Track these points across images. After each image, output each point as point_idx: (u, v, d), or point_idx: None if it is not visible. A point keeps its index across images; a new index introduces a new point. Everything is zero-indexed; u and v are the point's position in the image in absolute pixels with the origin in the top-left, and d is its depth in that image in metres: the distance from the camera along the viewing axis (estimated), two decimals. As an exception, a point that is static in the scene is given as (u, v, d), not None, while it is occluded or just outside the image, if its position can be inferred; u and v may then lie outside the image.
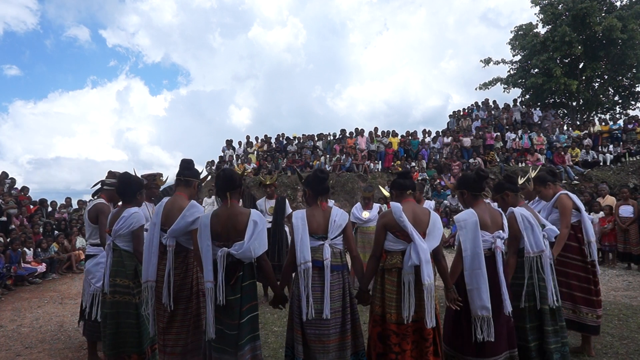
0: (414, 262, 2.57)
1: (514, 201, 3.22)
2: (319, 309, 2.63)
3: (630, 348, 3.80)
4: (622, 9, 17.43)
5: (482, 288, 2.68)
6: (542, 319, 3.01)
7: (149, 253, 2.90)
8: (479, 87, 20.60)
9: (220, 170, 2.94)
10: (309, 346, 2.69)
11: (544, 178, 3.78)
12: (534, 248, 2.99)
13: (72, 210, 11.98)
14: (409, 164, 15.01)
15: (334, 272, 2.72)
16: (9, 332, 4.82)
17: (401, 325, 2.59)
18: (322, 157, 15.73)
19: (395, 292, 2.64)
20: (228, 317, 2.56)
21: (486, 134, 15.39)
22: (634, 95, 19.32)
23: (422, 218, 2.73)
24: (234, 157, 16.85)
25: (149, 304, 2.91)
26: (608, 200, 9.12)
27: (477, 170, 3.00)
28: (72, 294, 6.95)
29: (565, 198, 3.63)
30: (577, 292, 3.59)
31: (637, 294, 5.91)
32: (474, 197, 2.95)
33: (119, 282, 3.11)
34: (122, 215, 3.15)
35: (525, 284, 3.01)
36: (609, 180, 12.60)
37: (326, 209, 2.83)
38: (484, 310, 2.67)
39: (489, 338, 2.66)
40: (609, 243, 8.51)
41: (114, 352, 3.07)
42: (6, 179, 11.16)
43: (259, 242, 2.58)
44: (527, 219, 3.02)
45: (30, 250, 8.33)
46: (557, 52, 17.55)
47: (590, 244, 3.57)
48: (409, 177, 2.93)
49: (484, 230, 2.80)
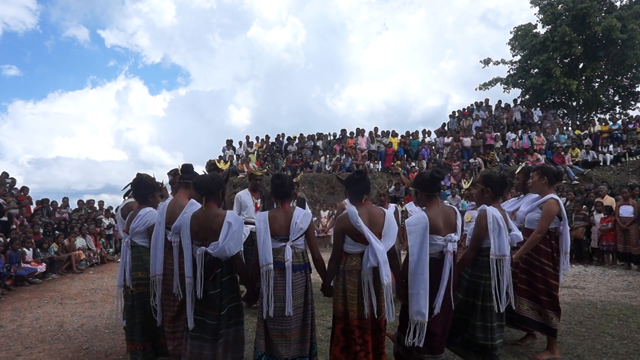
0: (372, 263, 2.67)
1: (491, 200, 3.22)
2: (281, 307, 2.79)
3: (630, 348, 3.80)
4: (622, 9, 17.40)
5: (421, 294, 2.73)
6: (491, 318, 3.05)
7: (155, 249, 3.19)
8: (479, 87, 20.57)
9: (197, 176, 3.19)
10: (272, 340, 2.85)
11: (547, 171, 3.72)
12: (496, 251, 2.97)
13: (72, 210, 11.99)
14: (409, 164, 15.02)
15: (297, 272, 2.87)
16: (9, 332, 4.82)
17: (362, 320, 2.74)
18: (322, 157, 15.73)
19: (356, 291, 2.76)
20: (209, 309, 2.82)
21: (486, 134, 15.40)
22: (634, 95, 19.31)
23: (378, 220, 2.80)
24: (234, 157, 16.86)
25: (157, 296, 3.18)
26: (607, 200, 9.13)
27: (433, 171, 2.96)
28: (72, 294, 6.95)
29: (553, 203, 3.55)
30: (544, 296, 3.57)
31: (637, 294, 5.91)
32: (427, 198, 2.94)
33: (140, 276, 3.39)
34: (138, 214, 3.44)
35: (483, 284, 3.04)
36: (609, 180, 12.60)
37: (288, 211, 2.93)
38: (419, 315, 2.73)
39: (418, 344, 2.72)
40: (608, 243, 8.52)
41: (145, 337, 3.37)
42: (6, 178, 11.16)
43: (233, 242, 2.77)
44: (497, 221, 2.99)
45: (30, 250, 8.33)
46: (556, 52, 17.54)
47: (567, 255, 3.57)
48: (364, 179, 2.96)
49: (436, 234, 2.80)
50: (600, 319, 4.71)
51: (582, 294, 5.99)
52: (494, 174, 3.07)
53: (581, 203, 9.80)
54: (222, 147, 17.63)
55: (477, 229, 3.06)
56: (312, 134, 17.46)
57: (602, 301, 5.54)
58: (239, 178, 15.39)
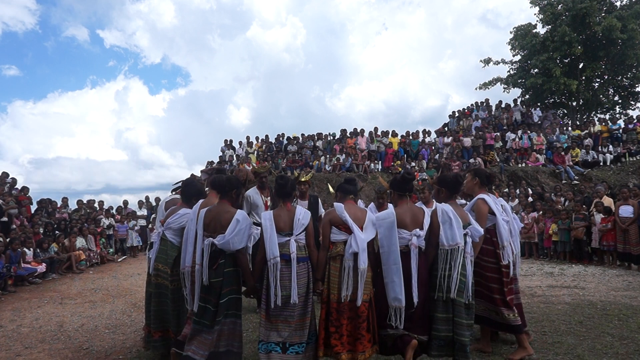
0: (354, 249, 3.06)
1: (446, 199, 3.44)
2: (287, 295, 3.05)
3: (630, 348, 3.80)
4: (622, 9, 17.40)
5: (395, 281, 3.05)
6: (455, 311, 3.12)
7: (185, 244, 3.33)
8: (479, 87, 20.59)
9: (215, 176, 3.44)
10: (275, 325, 3.09)
11: (479, 172, 3.90)
12: (448, 241, 3.15)
13: (72, 210, 11.98)
14: (409, 164, 15.01)
15: (300, 263, 3.15)
16: (9, 332, 4.82)
17: (340, 304, 3.08)
18: (322, 157, 15.73)
19: (337, 276, 3.12)
20: (211, 296, 3.07)
21: (486, 134, 15.40)
22: (634, 95, 19.31)
23: (360, 216, 3.25)
24: (234, 157, 16.86)
25: (187, 286, 3.28)
26: (605, 201, 9.15)
27: (404, 173, 3.39)
28: (72, 294, 6.95)
29: (481, 203, 3.67)
30: (496, 294, 3.61)
31: (637, 294, 5.91)
32: (399, 197, 3.34)
33: (160, 268, 3.61)
34: (178, 212, 3.66)
35: (438, 276, 3.15)
36: (609, 180, 12.60)
37: (291, 209, 3.26)
38: (397, 301, 3.04)
39: (399, 326, 3.04)
40: (608, 243, 8.52)
41: (158, 325, 3.61)
42: (6, 178, 11.16)
43: (239, 238, 3.07)
44: (447, 213, 3.20)
45: (30, 250, 8.33)
46: (556, 52, 17.54)
47: (505, 248, 3.63)
48: (354, 184, 3.46)
49: (402, 228, 3.15)
50: (600, 319, 4.71)
51: (582, 294, 5.99)
52: (448, 175, 3.45)
53: (581, 203, 9.81)
54: (220, 147, 17.67)
55: (432, 225, 3.25)
56: (312, 134, 17.46)
57: (602, 301, 5.54)
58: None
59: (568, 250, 9.36)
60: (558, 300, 5.71)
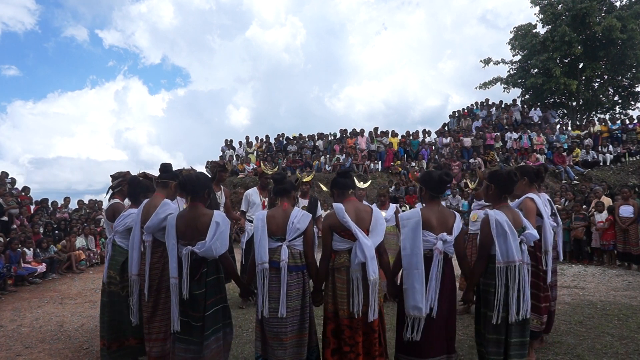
0: (360, 259, 2.68)
1: (495, 198, 3.05)
2: (274, 308, 2.77)
3: (630, 348, 3.80)
4: (622, 9, 17.39)
5: (416, 288, 2.69)
6: (508, 331, 2.82)
7: (132, 249, 3.20)
8: (479, 87, 20.59)
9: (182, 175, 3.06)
10: (268, 343, 2.83)
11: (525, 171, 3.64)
12: (504, 257, 2.79)
13: (72, 210, 11.98)
14: (409, 164, 15.02)
15: (293, 273, 2.83)
16: (9, 332, 4.82)
17: (353, 319, 2.71)
18: (322, 157, 15.73)
19: (345, 289, 2.75)
20: (193, 310, 2.76)
21: (486, 134, 15.40)
22: (634, 95, 19.30)
23: (364, 216, 2.82)
24: (234, 157, 16.87)
25: (134, 295, 3.19)
26: (604, 201, 9.15)
27: (442, 173, 2.89)
28: (72, 294, 6.95)
29: (529, 202, 3.46)
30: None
31: (637, 294, 5.91)
32: (430, 197, 2.91)
33: (111, 274, 3.48)
34: (122, 214, 3.51)
35: (496, 293, 2.81)
36: (608, 180, 12.60)
37: (287, 210, 2.93)
38: (416, 310, 2.69)
39: (416, 338, 2.68)
40: (608, 242, 8.52)
41: (112, 336, 3.41)
42: (6, 178, 11.15)
43: (220, 242, 2.74)
44: (501, 225, 2.79)
45: (30, 250, 8.33)
46: (556, 52, 17.54)
47: (547, 253, 3.45)
48: (349, 177, 3.01)
49: (429, 230, 2.77)
50: (600, 319, 4.71)
51: (582, 294, 5.99)
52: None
53: (581, 203, 9.81)
54: (220, 147, 17.68)
55: (481, 236, 2.92)
56: (312, 134, 17.46)
57: (602, 301, 5.54)
58: (238, 178, 15.40)
59: (568, 250, 9.36)
60: (558, 300, 5.67)
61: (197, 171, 3.13)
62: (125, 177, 3.90)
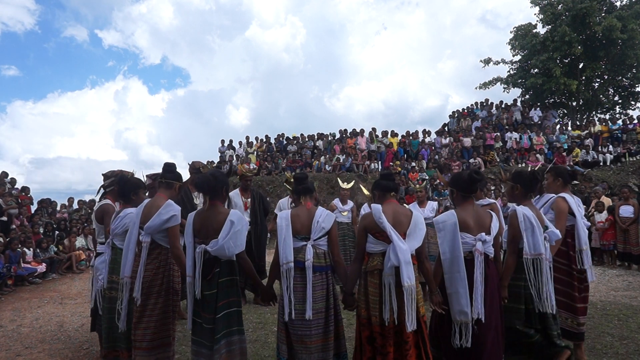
0: (393, 263, 2.55)
1: (521, 197, 3.16)
2: (300, 309, 2.68)
3: (630, 348, 3.80)
4: (622, 9, 17.38)
5: (460, 292, 2.63)
6: (546, 323, 2.98)
7: (127, 250, 3.03)
8: (479, 87, 20.55)
9: (198, 175, 3.00)
10: (293, 346, 2.74)
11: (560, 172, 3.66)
12: (531, 250, 2.89)
13: (72, 210, 11.97)
14: (409, 164, 15.01)
15: (317, 273, 2.76)
16: (9, 332, 4.82)
17: (384, 327, 2.59)
18: (322, 157, 15.73)
19: (377, 294, 2.63)
20: (205, 311, 2.69)
21: (486, 134, 15.40)
22: (634, 95, 19.28)
23: (403, 219, 2.71)
24: (234, 157, 16.87)
25: (124, 299, 3.02)
26: (604, 201, 9.15)
27: (471, 172, 2.87)
28: (72, 294, 6.95)
29: (561, 202, 3.49)
30: (561, 296, 3.46)
31: (637, 294, 5.91)
32: (462, 198, 2.87)
33: (114, 279, 3.29)
34: (119, 215, 3.34)
35: (524, 286, 2.96)
36: (609, 180, 12.60)
37: (311, 209, 2.87)
38: (462, 315, 2.63)
39: (466, 344, 2.60)
40: (608, 242, 8.52)
41: (109, 345, 3.27)
42: (6, 178, 11.15)
43: (234, 241, 2.65)
44: (529, 219, 2.90)
45: (30, 250, 8.33)
46: (556, 52, 17.52)
47: (582, 252, 3.46)
48: (391, 179, 2.94)
49: (466, 232, 2.72)
50: (600, 319, 4.71)
51: (582, 294, 5.98)
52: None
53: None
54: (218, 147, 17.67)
55: (511, 230, 2.98)
56: (312, 134, 17.47)
57: (602, 301, 5.54)
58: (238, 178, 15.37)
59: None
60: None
61: (212, 169, 3.09)
62: (117, 176, 3.78)
